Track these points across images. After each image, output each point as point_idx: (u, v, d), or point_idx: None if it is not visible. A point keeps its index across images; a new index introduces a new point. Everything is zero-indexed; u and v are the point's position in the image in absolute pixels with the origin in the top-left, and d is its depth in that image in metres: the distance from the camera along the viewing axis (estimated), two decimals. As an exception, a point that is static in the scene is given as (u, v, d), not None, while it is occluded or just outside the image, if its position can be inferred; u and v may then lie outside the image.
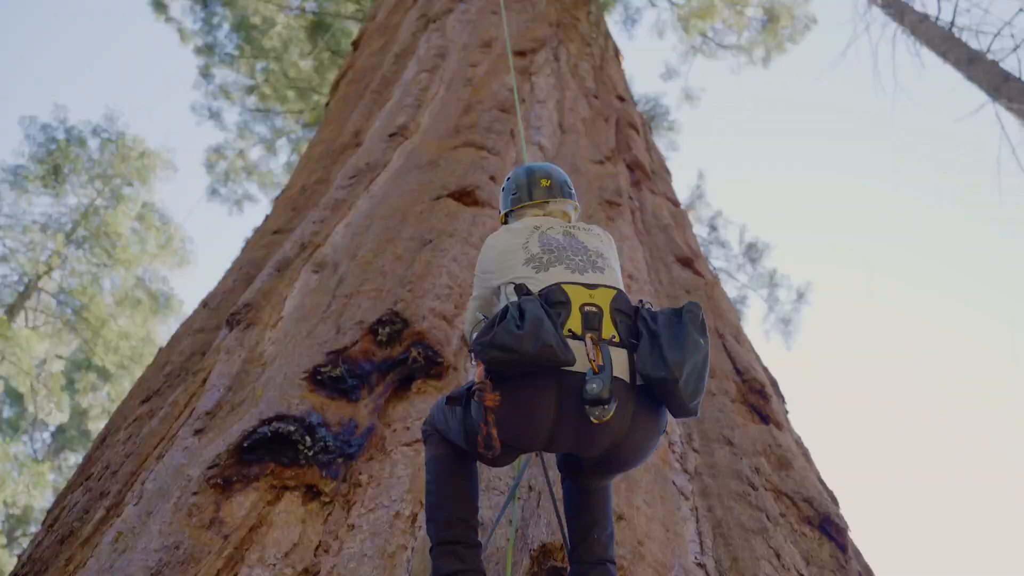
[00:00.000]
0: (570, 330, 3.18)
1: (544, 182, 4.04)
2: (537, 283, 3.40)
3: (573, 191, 4.12)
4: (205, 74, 25.28)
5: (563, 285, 3.33)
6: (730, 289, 19.66)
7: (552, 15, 12.02)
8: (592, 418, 2.98)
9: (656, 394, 3.14)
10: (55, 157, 24.45)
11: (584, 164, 8.84)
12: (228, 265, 8.39)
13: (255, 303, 6.08)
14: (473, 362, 3.32)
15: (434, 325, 5.28)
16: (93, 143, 25.63)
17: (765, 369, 7.22)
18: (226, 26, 25.27)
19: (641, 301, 3.40)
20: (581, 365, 3.10)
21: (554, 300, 3.27)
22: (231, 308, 6.39)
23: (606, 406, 2.97)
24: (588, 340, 3.13)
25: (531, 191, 4.02)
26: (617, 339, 3.20)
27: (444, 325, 5.36)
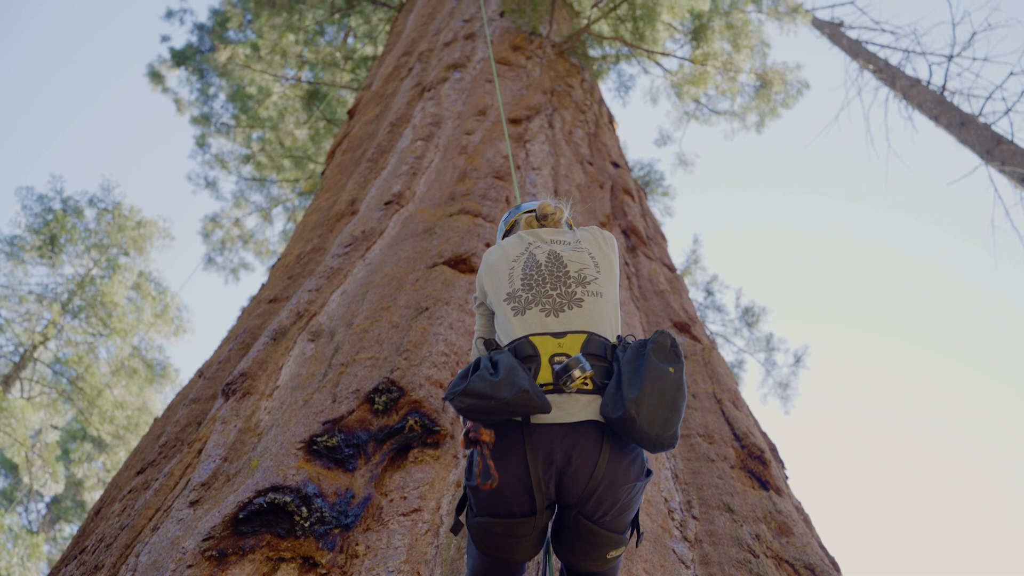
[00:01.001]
0: (542, 384, 3.20)
1: (532, 203, 4.15)
2: (508, 332, 3.43)
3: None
4: (201, 144, 25.46)
5: (531, 338, 3.34)
6: (727, 353, 19.63)
7: (546, 83, 12.11)
8: (564, 386, 3.08)
9: (622, 434, 3.11)
10: (51, 227, 24.48)
11: (579, 230, 8.86)
12: (224, 334, 8.38)
13: (251, 372, 6.06)
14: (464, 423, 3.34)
15: (431, 393, 5.26)
16: (89, 213, 25.68)
17: (764, 434, 7.19)
18: (222, 96, 25.55)
19: (620, 337, 3.42)
20: (552, 418, 3.14)
21: (524, 354, 3.30)
22: (227, 378, 6.37)
23: (574, 372, 3.06)
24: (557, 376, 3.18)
25: (518, 209, 4.15)
26: (589, 386, 3.20)
27: (441, 393, 5.34)
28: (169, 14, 25.73)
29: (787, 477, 6.86)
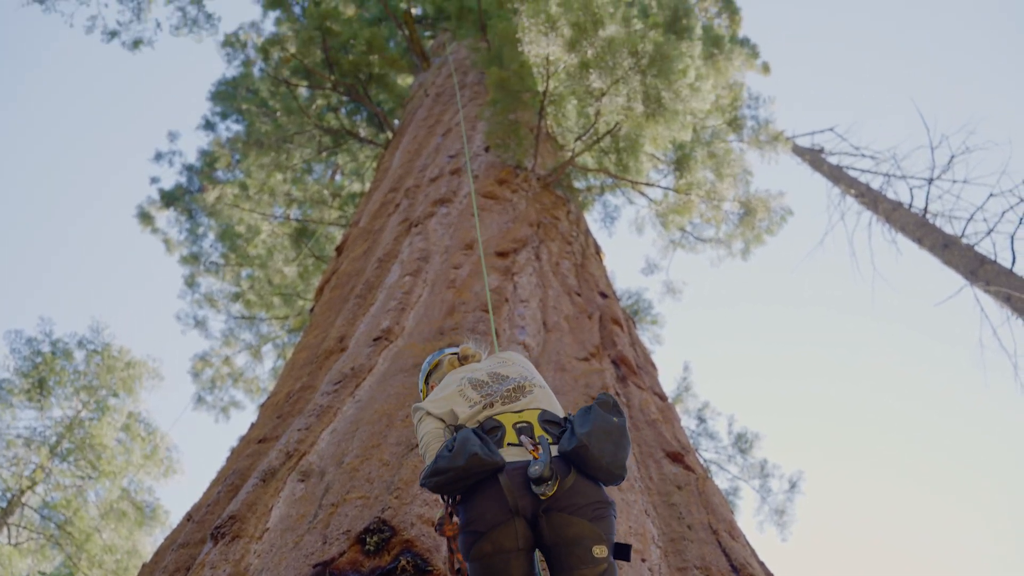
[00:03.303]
0: (509, 443, 3.82)
1: (451, 348, 4.91)
2: (476, 423, 4.02)
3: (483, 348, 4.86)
4: (191, 283, 25.61)
5: (495, 416, 3.97)
6: (721, 481, 19.46)
7: (532, 215, 12.22)
8: (539, 496, 3.53)
9: (580, 467, 3.68)
10: (40, 370, 24.48)
11: (569, 362, 8.86)
12: (215, 474, 8.31)
13: (240, 515, 5.99)
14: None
15: (423, 532, 5.20)
16: (79, 355, 25.69)
17: (762, 564, 7.10)
18: (211, 235, 25.79)
19: (569, 413, 4.06)
20: (518, 457, 3.73)
21: (489, 427, 3.92)
22: (216, 521, 6.29)
23: (548, 482, 3.51)
24: (525, 439, 3.80)
25: (441, 352, 4.89)
26: (550, 440, 3.81)
27: (433, 532, 5.27)
28: (158, 156, 26.16)
29: (787, 608, 6.76)
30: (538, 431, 3.87)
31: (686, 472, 7.98)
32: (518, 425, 3.90)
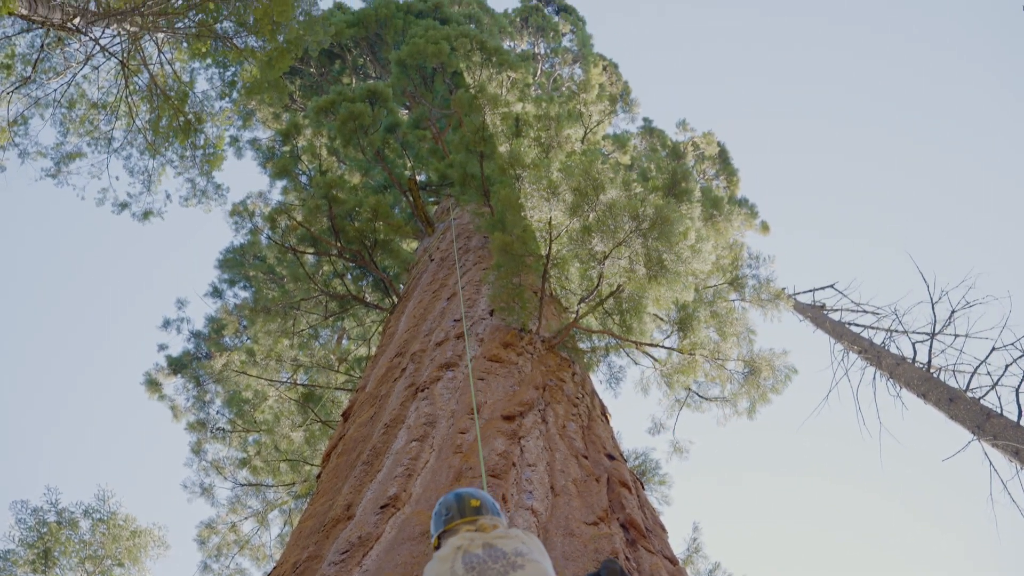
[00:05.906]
0: None
1: (474, 502, 4.45)
2: None
3: (500, 510, 4.53)
4: (197, 451, 25.56)
5: None
6: (735, 644, 19.12)
7: (538, 378, 12.26)
8: None
9: None
10: (45, 540, 24.31)
11: (578, 527, 8.81)
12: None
13: None
14: None
15: None
16: (84, 524, 25.54)
17: None
18: (218, 402, 25.85)
19: None
20: None
21: None
22: None
23: None
24: None
25: (462, 510, 4.40)
26: None
27: None
28: (166, 323, 26.44)
29: None
30: None
31: (698, 638, 7.89)
32: None
